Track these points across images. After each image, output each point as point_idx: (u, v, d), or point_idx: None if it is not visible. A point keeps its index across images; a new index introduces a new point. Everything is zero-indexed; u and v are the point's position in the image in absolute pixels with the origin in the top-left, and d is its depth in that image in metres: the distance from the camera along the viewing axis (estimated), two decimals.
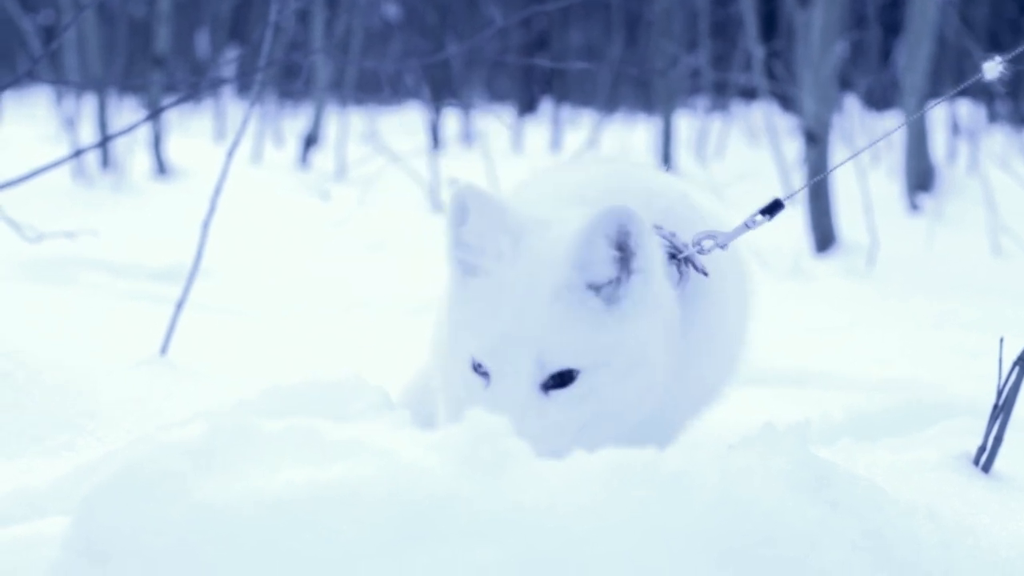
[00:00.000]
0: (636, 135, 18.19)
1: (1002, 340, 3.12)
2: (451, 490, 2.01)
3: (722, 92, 17.78)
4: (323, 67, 14.87)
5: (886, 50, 19.44)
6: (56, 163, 4.56)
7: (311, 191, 12.02)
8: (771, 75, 13.26)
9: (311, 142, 15.09)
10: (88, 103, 14.41)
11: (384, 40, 22.58)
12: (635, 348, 2.69)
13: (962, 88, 3.21)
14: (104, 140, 4.89)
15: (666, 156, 13.77)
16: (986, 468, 3.11)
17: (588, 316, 2.66)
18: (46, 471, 3.12)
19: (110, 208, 10.32)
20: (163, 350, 4.35)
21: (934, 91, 12.42)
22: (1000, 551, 2.46)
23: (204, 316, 5.63)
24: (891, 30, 18.69)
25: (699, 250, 2.90)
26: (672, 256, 2.87)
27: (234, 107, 20.57)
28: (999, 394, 3.11)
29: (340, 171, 13.74)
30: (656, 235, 2.84)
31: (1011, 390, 3.10)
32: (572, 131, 19.29)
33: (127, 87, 18.16)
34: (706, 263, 2.91)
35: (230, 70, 15.87)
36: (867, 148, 3.31)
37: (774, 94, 13.81)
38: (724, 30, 18.54)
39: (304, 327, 5.91)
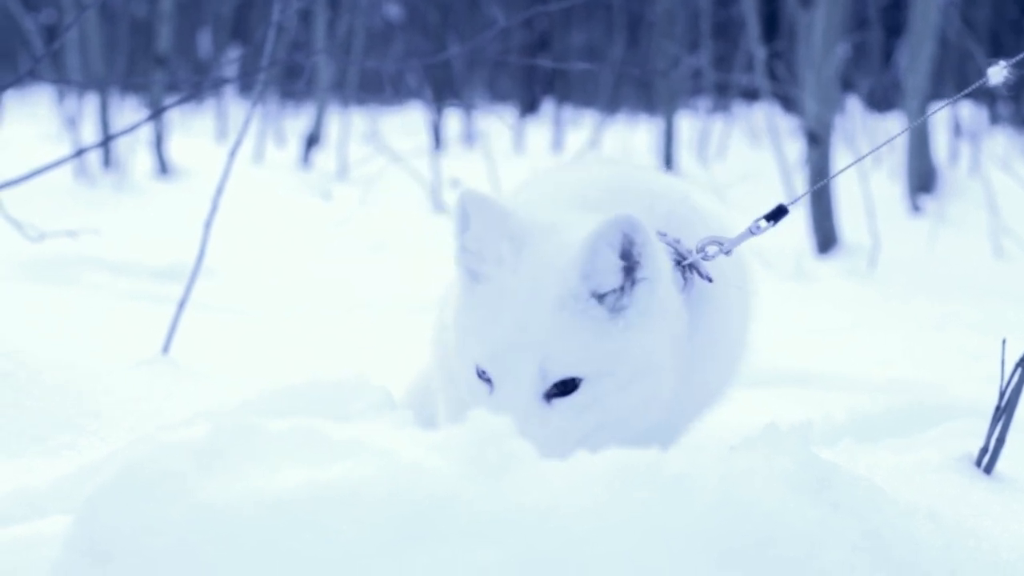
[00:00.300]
0: (638, 136, 18.18)
1: (1004, 342, 3.12)
2: (452, 490, 2.01)
3: (724, 93, 17.77)
4: (325, 67, 14.87)
5: (888, 51, 19.45)
6: (58, 162, 4.56)
7: (313, 191, 12.02)
8: (773, 76, 13.25)
9: (313, 142, 15.09)
10: (90, 102, 14.41)
11: (386, 40, 22.60)
12: (639, 357, 2.69)
13: (967, 92, 3.20)
14: (106, 140, 4.89)
15: (668, 157, 13.76)
16: (988, 470, 3.11)
17: (592, 325, 2.66)
18: (47, 471, 3.12)
19: (112, 207, 10.32)
20: (165, 350, 4.35)
21: (936, 92, 12.42)
22: (1002, 553, 2.46)
23: (206, 316, 5.63)
24: (893, 31, 18.70)
25: (703, 256, 2.89)
26: (676, 262, 2.86)
27: (236, 107, 20.57)
28: (1001, 396, 3.11)
29: (342, 171, 13.74)
30: (660, 241, 2.83)
31: (1013, 392, 3.10)
32: (574, 132, 19.29)
33: (129, 86, 18.17)
34: (709, 266, 2.91)
35: (232, 70, 15.88)
36: (871, 153, 3.31)
37: (776, 95, 13.81)
38: (726, 31, 18.54)
39: (306, 327, 5.91)
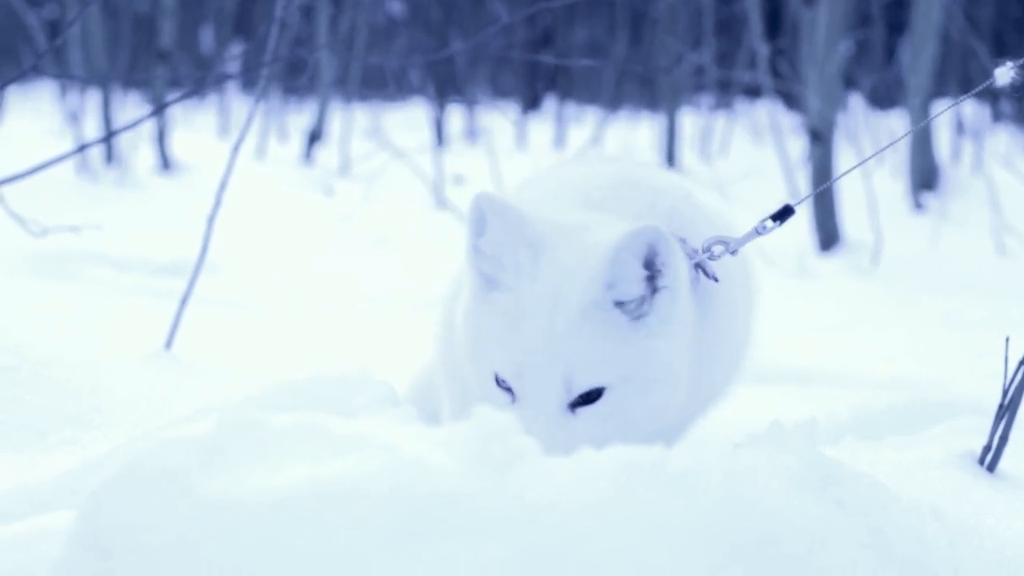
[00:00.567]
0: (640, 132, 18.17)
1: (1008, 340, 3.12)
2: (456, 486, 2.00)
3: (726, 90, 17.77)
4: (328, 63, 14.86)
5: (891, 49, 19.43)
6: (61, 158, 4.55)
7: (315, 187, 12.02)
8: (776, 73, 13.24)
9: (315, 138, 15.09)
10: (92, 97, 14.40)
11: (389, 36, 22.59)
12: (659, 364, 2.69)
13: (974, 93, 3.20)
14: (109, 135, 4.89)
15: (670, 154, 13.75)
16: (991, 467, 3.10)
17: (615, 334, 2.65)
18: (49, 466, 3.12)
19: (114, 203, 10.32)
20: (167, 345, 4.35)
21: (939, 90, 12.42)
22: (1006, 551, 2.45)
23: (208, 311, 5.63)
24: (896, 29, 18.68)
25: (709, 256, 2.88)
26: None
27: (238, 102, 20.57)
28: (1004, 394, 3.11)
29: (344, 167, 13.74)
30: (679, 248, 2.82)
31: (1016, 390, 3.09)
32: (576, 128, 19.29)
33: (131, 82, 18.16)
34: (713, 264, 2.90)
35: (235, 66, 15.86)
36: (877, 154, 3.30)
37: (778, 92, 13.80)
38: (729, 28, 18.52)
39: (308, 322, 5.91)
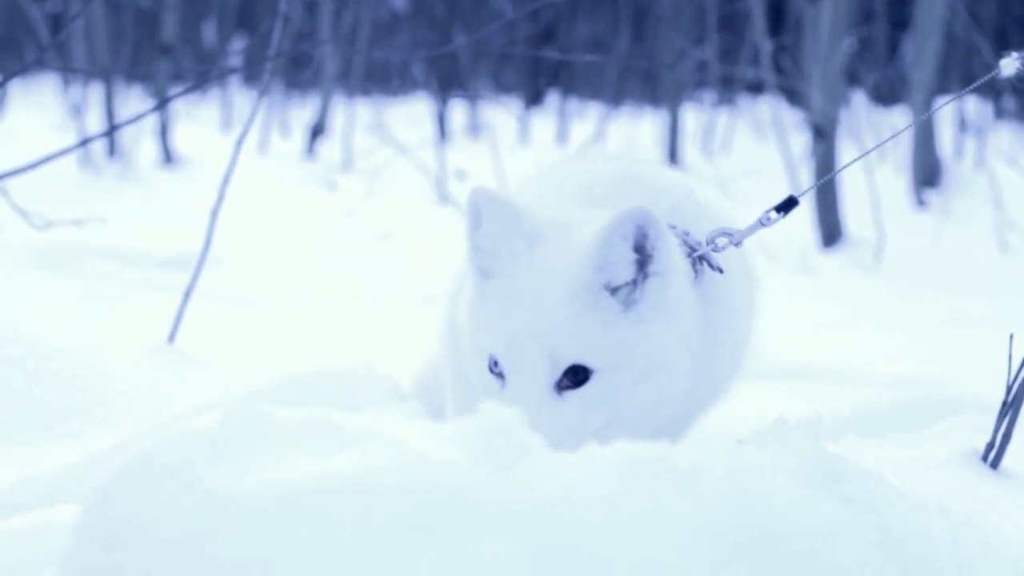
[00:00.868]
0: (642, 128, 18.16)
1: (1011, 337, 3.12)
2: (462, 481, 2.01)
3: (729, 86, 17.75)
4: (330, 58, 14.85)
5: (894, 45, 19.42)
6: (63, 151, 4.56)
7: (318, 181, 12.02)
8: (779, 69, 13.24)
9: (318, 133, 15.08)
10: (95, 91, 14.40)
11: (391, 31, 22.59)
12: (651, 352, 2.69)
13: (978, 85, 3.20)
14: (111, 129, 4.89)
15: (672, 150, 13.74)
16: (994, 465, 3.10)
17: (603, 316, 2.66)
18: (55, 459, 3.12)
19: (116, 196, 10.31)
20: (171, 339, 4.35)
21: (942, 87, 12.41)
22: (1011, 548, 2.46)
23: (211, 305, 5.63)
24: (899, 25, 18.67)
25: (713, 248, 2.89)
26: (686, 255, 2.85)
27: (240, 96, 20.56)
28: (1008, 391, 3.10)
29: (347, 162, 13.73)
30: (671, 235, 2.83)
31: (1020, 387, 3.09)
32: (579, 124, 19.27)
33: (134, 75, 18.16)
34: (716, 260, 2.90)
35: (237, 60, 15.85)
36: (878, 147, 3.30)
37: (781, 88, 13.79)
38: (732, 24, 18.50)
39: (312, 317, 5.91)
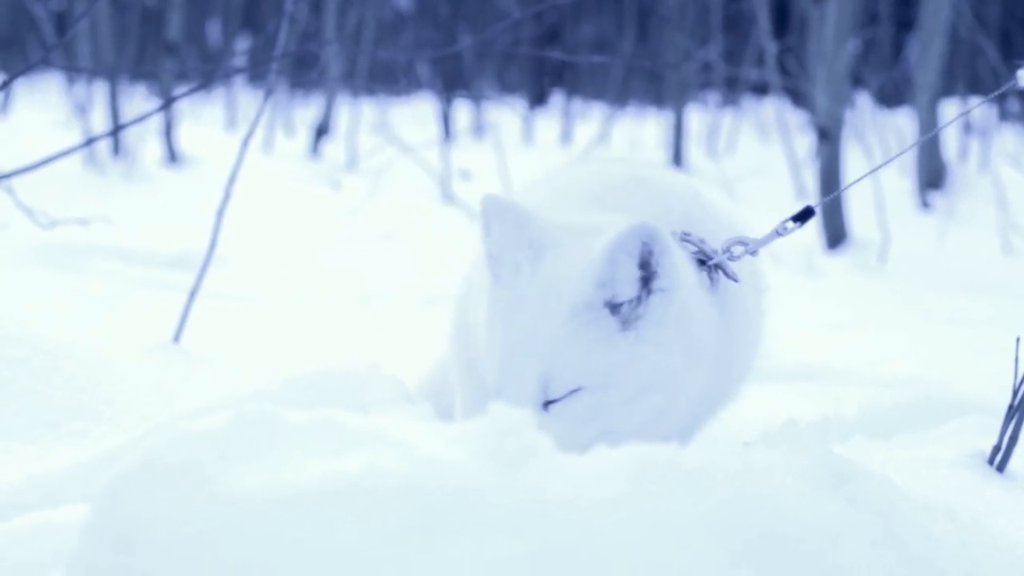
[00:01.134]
0: (647, 129, 18.17)
1: (1018, 340, 3.11)
2: (470, 482, 2.00)
3: (734, 87, 17.76)
4: (335, 58, 14.85)
5: (898, 47, 19.42)
6: (68, 150, 4.56)
7: (322, 181, 12.02)
8: (783, 71, 13.24)
9: (322, 132, 15.08)
10: (99, 90, 14.40)
11: (396, 31, 22.60)
12: (647, 372, 2.63)
13: (995, 95, 3.20)
14: (116, 128, 4.89)
15: (677, 151, 13.73)
16: (1001, 468, 3.10)
17: (599, 335, 2.60)
18: (61, 458, 3.12)
19: (121, 195, 10.31)
20: (176, 338, 4.35)
21: (947, 89, 12.40)
22: (1017, 551, 2.45)
23: (216, 304, 5.63)
24: (904, 27, 18.68)
25: (729, 256, 2.84)
26: (701, 262, 2.81)
27: (245, 96, 20.56)
28: (1015, 394, 3.11)
29: (351, 161, 13.74)
30: (685, 244, 2.79)
31: None
32: (583, 124, 19.28)
33: (139, 74, 18.16)
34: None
35: (243, 60, 15.86)
36: (890, 161, 3.30)
37: (786, 90, 13.79)
38: (736, 25, 18.52)
39: (316, 316, 5.92)
